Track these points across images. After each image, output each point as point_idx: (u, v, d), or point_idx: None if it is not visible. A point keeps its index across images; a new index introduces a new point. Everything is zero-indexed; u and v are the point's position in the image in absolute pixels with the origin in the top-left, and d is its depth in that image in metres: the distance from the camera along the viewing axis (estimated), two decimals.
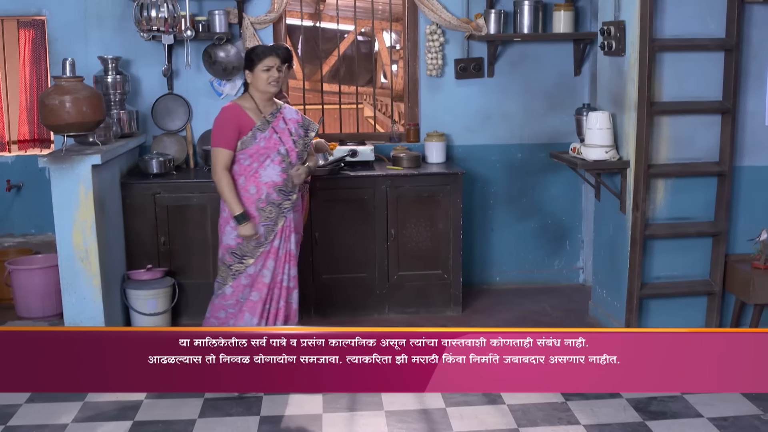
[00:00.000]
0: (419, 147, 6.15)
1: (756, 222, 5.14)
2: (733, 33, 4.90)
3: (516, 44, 6.19)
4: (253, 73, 4.45)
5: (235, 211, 4.41)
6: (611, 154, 5.12)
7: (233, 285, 4.54)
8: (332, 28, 7.62)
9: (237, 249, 4.51)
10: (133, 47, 5.92)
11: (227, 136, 4.43)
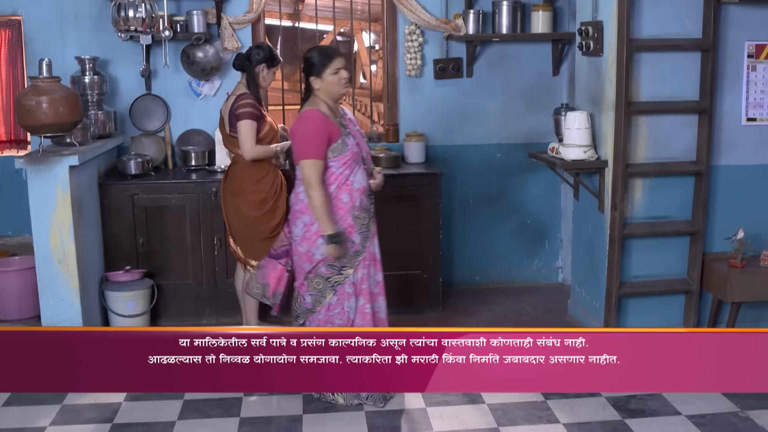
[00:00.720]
0: (398, 147, 6.15)
1: (732, 221, 5.18)
2: (710, 33, 4.93)
3: (495, 44, 6.21)
4: (321, 78, 4.24)
5: (329, 230, 4.19)
6: (589, 154, 5.15)
7: (338, 294, 4.35)
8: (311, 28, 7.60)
9: (336, 261, 4.30)
10: (110, 47, 5.88)
11: (319, 145, 4.19)
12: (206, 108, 6.04)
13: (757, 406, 4.38)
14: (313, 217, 4.27)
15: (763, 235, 5.23)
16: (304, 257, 4.34)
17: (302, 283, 4.39)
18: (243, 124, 4.81)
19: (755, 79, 5.13)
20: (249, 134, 4.83)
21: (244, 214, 5.02)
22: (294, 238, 4.40)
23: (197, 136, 6.06)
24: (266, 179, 4.99)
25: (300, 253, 4.36)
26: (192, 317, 5.63)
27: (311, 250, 4.31)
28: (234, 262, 5.31)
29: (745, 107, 5.16)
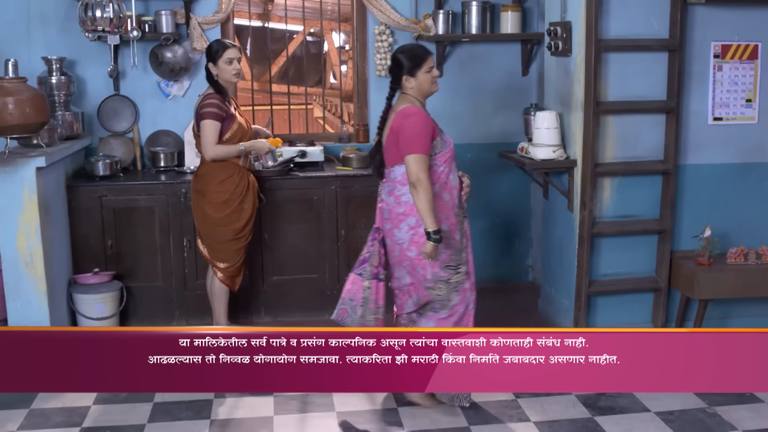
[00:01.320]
0: (369, 147, 6.13)
1: (700, 219, 5.24)
2: (676, 34, 4.98)
3: (464, 45, 6.23)
4: (415, 77, 4.22)
5: (432, 227, 4.09)
6: (559, 153, 5.18)
7: (460, 294, 4.33)
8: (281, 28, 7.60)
9: (451, 260, 4.26)
10: (77, 48, 5.82)
11: (426, 141, 4.15)
12: (175, 109, 6.00)
13: (724, 402, 4.43)
14: (419, 218, 4.18)
15: (729, 233, 5.29)
16: (416, 262, 4.25)
17: (424, 294, 4.31)
18: (205, 124, 4.80)
19: (721, 79, 5.19)
20: (210, 134, 4.82)
21: (208, 214, 5.00)
22: (399, 242, 4.29)
23: (166, 137, 6.02)
24: (230, 180, 4.97)
25: (411, 259, 4.26)
26: (162, 319, 5.59)
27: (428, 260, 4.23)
28: (204, 264, 5.29)
29: (711, 107, 5.21)
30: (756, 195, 5.35)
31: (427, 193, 4.09)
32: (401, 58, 4.25)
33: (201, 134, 4.85)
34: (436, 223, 4.11)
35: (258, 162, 5.38)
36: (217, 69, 4.92)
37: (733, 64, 5.19)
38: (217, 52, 4.91)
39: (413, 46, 4.38)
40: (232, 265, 5.10)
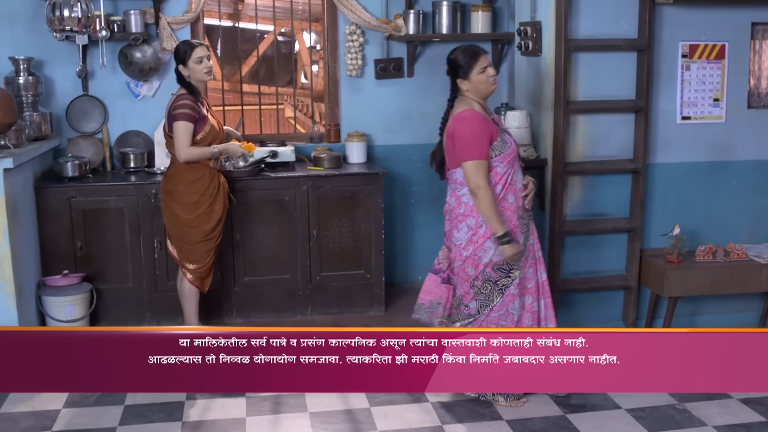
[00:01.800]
0: (340, 147, 6.14)
1: (669, 217, 5.29)
2: (645, 34, 5.03)
3: (435, 44, 6.24)
4: (469, 79, 4.20)
5: (500, 231, 4.13)
6: (529, 153, 5.21)
7: (504, 297, 4.28)
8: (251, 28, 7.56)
9: (504, 264, 4.24)
10: (45, 48, 5.76)
11: (483, 145, 4.14)
12: (145, 109, 5.96)
13: (694, 398, 4.47)
14: (480, 219, 4.18)
15: (698, 231, 5.35)
16: (469, 262, 4.26)
17: (467, 291, 4.30)
18: (177, 126, 4.77)
19: (689, 79, 5.24)
20: (183, 136, 4.79)
21: (178, 215, 4.97)
22: (456, 243, 4.30)
23: (136, 137, 5.98)
24: (201, 181, 4.94)
25: (464, 258, 4.27)
26: (132, 321, 5.55)
27: (478, 253, 4.23)
28: (175, 265, 5.26)
29: (679, 106, 5.27)
30: (724, 193, 5.42)
31: (488, 198, 4.11)
32: (454, 59, 4.26)
33: (174, 136, 4.81)
34: (504, 226, 4.13)
35: (229, 163, 5.34)
36: (188, 70, 4.88)
37: (701, 63, 5.25)
38: (186, 54, 4.88)
39: (465, 48, 4.32)
40: (201, 267, 5.07)
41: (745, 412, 4.36)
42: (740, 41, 5.27)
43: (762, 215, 5.51)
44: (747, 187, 5.45)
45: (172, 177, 4.98)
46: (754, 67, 5.36)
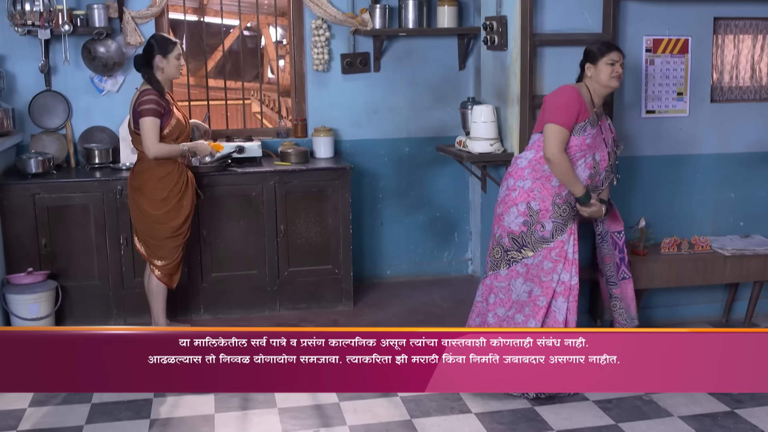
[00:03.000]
0: (307, 142, 6.13)
1: (634, 210, 5.33)
2: (609, 28, 5.06)
3: (401, 39, 6.24)
4: (595, 66, 4.36)
5: (579, 192, 4.31)
6: (496, 147, 5.23)
7: (509, 269, 4.40)
8: (217, 22, 7.51)
9: (519, 236, 4.35)
10: (7, 42, 5.69)
11: (570, 116, 4.27)
12: (109, 104, 5.90)
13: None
14: (515, 183, 4.38)
15: (663, 224, 5.40)
16: (495, 220, 4.49)
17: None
18: (145, 122, 4.74)
19: (653, 73, 5.29)
20: (151, 132, 4.75)
21: (146, 212, 4.94)
22: (498, 213, 4.47)
23: (101, 133, 5.92)
24: (169, 177, 4.91)
25: (496, 215, 4.48)
26: (99, 319, 5.50)
27: (504, 215, 4.39)
28: (142, 262, 5.22)
29: (644, 100, 5.31)
30: (688, 186, 5.48)
31: (562, 164, 4.25)
32: (589, 46, 4.46)
33: (141, 132, 4.77)
34: (582, 187, 4.31)
35: (195, 158, 5.32)
36: (165, 62, 4.86)
37: (665, 58, 5.30)
38: (167, 46, 4.87)
39: (605, 41, 4.65)
40: (169, 263, 5.04)
41: (710, 402, 4.42)
42: (703, 36, 5.33)
43: (725, 208, 5.58)
44: (710, 181, 5.52)
45: (139, 173, 4.94)
46: (717, 62, 5.42)
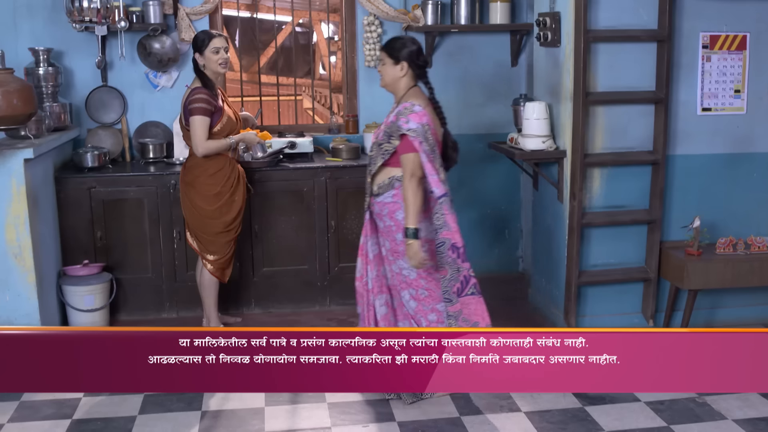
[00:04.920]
0: (358, 138, 6.14)
1: (689, 209, 5.25)
2: (665, 24, 4.99)
3: (453, 35, 6.22)
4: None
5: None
6: (548, 144, 5.18)
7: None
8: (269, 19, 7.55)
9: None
10: (65, 38, 5.79)
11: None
12: (164, 100, 5.98)
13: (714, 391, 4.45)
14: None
15: (718, 223, 5.31)
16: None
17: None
18: (194, 120, 4.78)
19: (710, 70, 5.20)
20: (199, 130, 4.79)
21: (198, 207, 4.99)
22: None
23: (155, 128, 6.00)
24: (221, 172, 4.96)
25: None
26: (152, 311, 5.58)
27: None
28: (194, 255, 5.28)
29: (700, 97, 5.23)
30: (744, 185, 5.37)
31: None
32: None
33: (191, 130, 4.83)
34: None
35: (247, 153, 5.36)
36: (203, 59, 4.89)
37: (722, 54, 5.20)
38: (203, 42, 4.89)
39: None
40: (221, 258, 5.09)
41: (765, 406, 4.34)
42: (761, 32, 5.22)
43: None
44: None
45: (192, 168, 4.99)
46: None
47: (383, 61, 4.28)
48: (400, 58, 4.25)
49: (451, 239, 4.24)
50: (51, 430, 4.13)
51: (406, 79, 4.29)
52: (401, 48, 4.26)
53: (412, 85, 4.31)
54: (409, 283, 4.32)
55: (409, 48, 4.26)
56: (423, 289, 4.33)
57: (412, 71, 4.29)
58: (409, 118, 4.16)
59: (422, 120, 4.17)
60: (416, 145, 4.13)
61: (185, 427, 4.15)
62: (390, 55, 4.26)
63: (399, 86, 4.30)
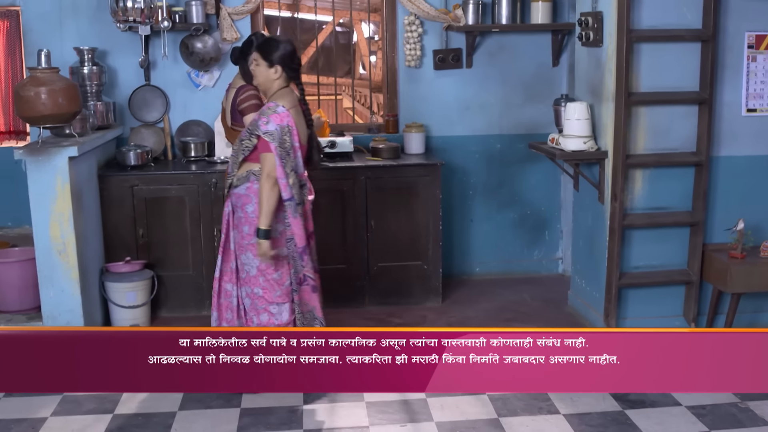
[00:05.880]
0: (398, 138, 6.15)
1: (732, 211, 5.18)
2: (710, 24, 4.92)
3: (494, 35, 6.20)
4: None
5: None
6: (589, 145, 5.14)
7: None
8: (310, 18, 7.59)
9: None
10: (109, 38, 5.87)
11: None
12: (205, 99, 6.03)
13: (756, 397, 4.39)
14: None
15: (763, 226, 5.23)
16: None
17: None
18: (250, 118, 4.81)
19: (755, 70, 5.13)
20: None
21: None
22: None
23: (196, 126, 6.06)
24: None
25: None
26: (192, 308, 5.63)
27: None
28: None
29: (745, 98, 5.15)
30: None
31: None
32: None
33: None
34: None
35: None
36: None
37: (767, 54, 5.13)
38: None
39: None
40: None
41: None
42: None
43: None
44: None
45: None
46: None
47: (257, 61, 4.29)
48: (274, 62, 4.27)
49: (295, 239, 4.30)
50: (93, 424, 4.19)
51: (279, 81, 4.31)
52: (276, 51, 4.27)
53: (284, 86, 4.34)
54: (248, 280, 4.37)
55: (283, 51, 4.28)
56: (260, 287, 4.36)
57: (286, 74, 4.31)
58: (270, 119, 4.18)
59: (283, 121, 4.19)
60: (272, 147, 4.16)
61: (224, 423, 4.19)
62: (264, 58, 4.27)
63: (272, 87, 4.32)
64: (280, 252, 4.28)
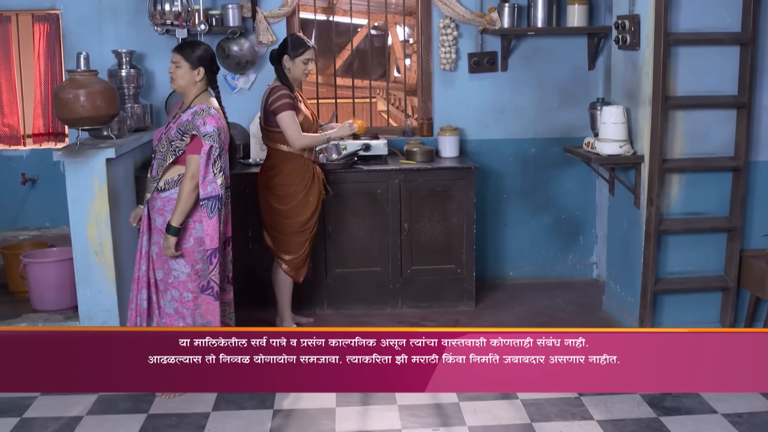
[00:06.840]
0: (433, 141, 6.14)
1: None
2: (749, 27, 4.87)
3: (530, 38, 6.17)
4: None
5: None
6: (625, 149, 5.11)
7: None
8: (345, 22, 7.61)
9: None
10: (147, 41, 5.93)
11: None
12: (241, 102, 6.07)
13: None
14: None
15: None
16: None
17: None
18: (283, 116, 4.85)
19: None
20: (292, 124, 4.87)
21: (273, 207, 5.06)
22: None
23: (232, 129, 6.02)
24: (296, 173, 5.01)
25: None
26: None
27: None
28: (269, 255, 5.34)
29: None
30: None
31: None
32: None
33: (283, 127, 4.90)
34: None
35: (322, 155, 5.41)
36: (291, 64, 4.96)
37: None
38: (298, 48, 4.97)
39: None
40: (296, 257, 5.14)
41: None
42: None
43: None
44: None
45: (267, 169, 5.07)
46: None
47: (179, 64, 4.33)
48: (197, 64, 4.32)
49: (206, 241, 4.30)
50: (127, 423, 4.23)
51: (201, 83, 4.36)
52: (198, 54, 4.33)
53: (204, 89, 4.40)
54: (176, 285, 4.38)
55: (206, 54, 4.36)
56: (188, 292, 4.38)
57: (207, 77, 4.37)
58: (206, 121, 4.23)
59: (218, 123, 4.27)
60: (206, 148, 4.21)
61: (257, 425, 4.21)
62: (187, 60, 4.32)
63: (193, 90, 4.37)
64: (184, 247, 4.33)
